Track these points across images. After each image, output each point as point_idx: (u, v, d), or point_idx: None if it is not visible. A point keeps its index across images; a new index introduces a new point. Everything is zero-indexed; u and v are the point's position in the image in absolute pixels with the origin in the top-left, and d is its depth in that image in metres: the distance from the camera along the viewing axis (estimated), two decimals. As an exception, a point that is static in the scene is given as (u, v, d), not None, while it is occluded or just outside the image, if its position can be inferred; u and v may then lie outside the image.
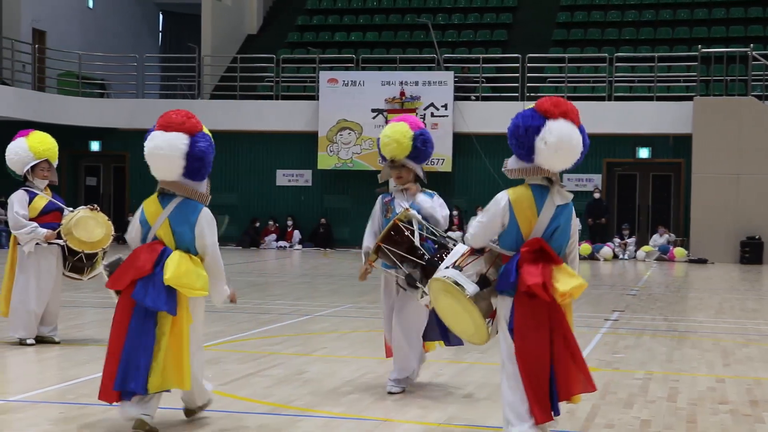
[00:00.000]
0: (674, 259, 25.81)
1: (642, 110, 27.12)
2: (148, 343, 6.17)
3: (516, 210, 5.83)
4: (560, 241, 5.92)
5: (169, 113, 6.41)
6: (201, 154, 6.29)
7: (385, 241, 7.36)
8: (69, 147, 28.72)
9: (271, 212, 28.93)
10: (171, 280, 6.16)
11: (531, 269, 5.73)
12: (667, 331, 12.29)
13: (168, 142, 6.23)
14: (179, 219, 6.30)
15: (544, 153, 5.76)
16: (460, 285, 5.90)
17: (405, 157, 7.79)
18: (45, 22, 31.85)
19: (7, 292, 10.03)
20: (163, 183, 6.35)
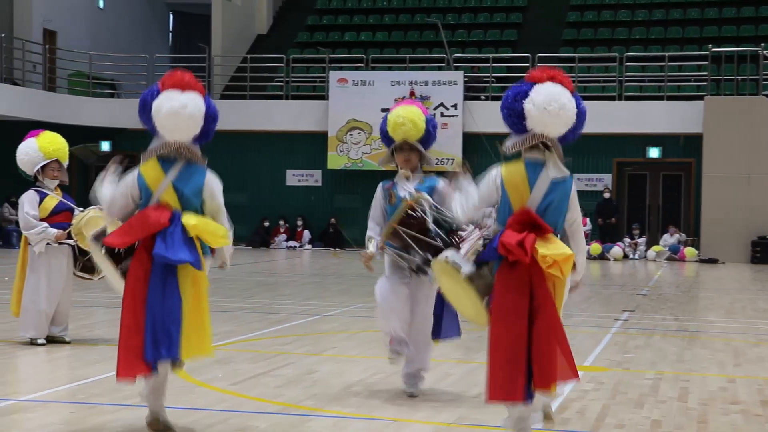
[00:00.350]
0: (685, 259, 25.76)
1: (652, 110, 27.07)
2: (174, 306, 5.88)
3: (507, 185, 5.72)
4: (554, 217, 5.74)
5: (176, 72, 6.15)
6: (216, 115, 6.22)
7: (399, 222, 7.24)
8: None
9: (281, 212, 28.95)
10: (197, 226, 5.91)
11: (510, 233, 5.60)
12: (678, 331, 12.26)
13: (192, 101, 6.02)
14: (186, 183, 6.05)
15: (534, 114, 5.64)
16: (457, 265, 5.83)
17: (417, 140, 7.63)
18: (56, 22, 31.92)
19: (18, 293, 10.06)
20: (175, 146, 6.05)
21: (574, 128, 5.83)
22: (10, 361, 9.28)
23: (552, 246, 5.58)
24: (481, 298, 5.79)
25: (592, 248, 26.05)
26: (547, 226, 5.63)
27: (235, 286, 16.55)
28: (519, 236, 5.55)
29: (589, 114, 21.16)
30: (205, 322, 6.01)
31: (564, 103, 5.67)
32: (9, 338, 10.27)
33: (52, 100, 28.13)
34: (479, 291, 5.78)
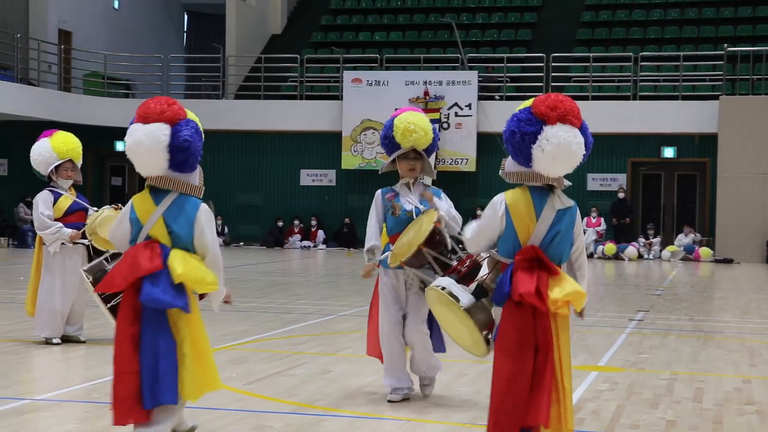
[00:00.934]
0: (700, 259, 25.67)
1: (667, 109, 26.99)
2: (169, 348, 5.65)
3: (513, 215, 5.44)
4: (561, 248, 5.50)
5: (147, 102, 5.75)
6: (186, 144, 5.64)
7: (426, 243, 7.06)
8: (94, 147, 28.88)
9: (296, 212, 28.98)
10: (183, 275, 5.61)
11: (524, 277, 5.34)
12: (693, 331, 12.22)
13: (148, 134, 5.60)
14: (177, 217, 5.70)
15: (542, 161, 5.37)
16: (455, 296, 5.59)
17: (424, 149, 7.48)
18: (71, 23, 32.03)
19: (33, 293, 10.09)
20: (150, 179, 5.74)
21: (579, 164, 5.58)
22: (26, 360, 9.31)
23: (562, 287, 5.36)
24: (480, 331, 5.56)
25: (607, 248, 25.99)
26: (554, 266, 5.40)
27: (249, 286, 16.57)
28: (533, 283, 5.31)
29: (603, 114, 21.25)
30: (205, 360, 5.74)
31: (574, 150, 5.40)
32: (24, 338, 10.30)
33: (67, 100, 28.23)
34: (478, 323, 5.55)
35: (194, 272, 5.66)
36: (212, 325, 11.38)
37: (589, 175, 27.58)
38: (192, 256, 5.73)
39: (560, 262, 5.50)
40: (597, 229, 26.78)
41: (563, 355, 5.41)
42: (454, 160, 27.43)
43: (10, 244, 26.97)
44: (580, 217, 5.66)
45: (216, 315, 12.07)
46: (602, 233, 26.86)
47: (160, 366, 5.59)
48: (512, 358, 5.34)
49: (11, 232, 27.49)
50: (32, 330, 10.16)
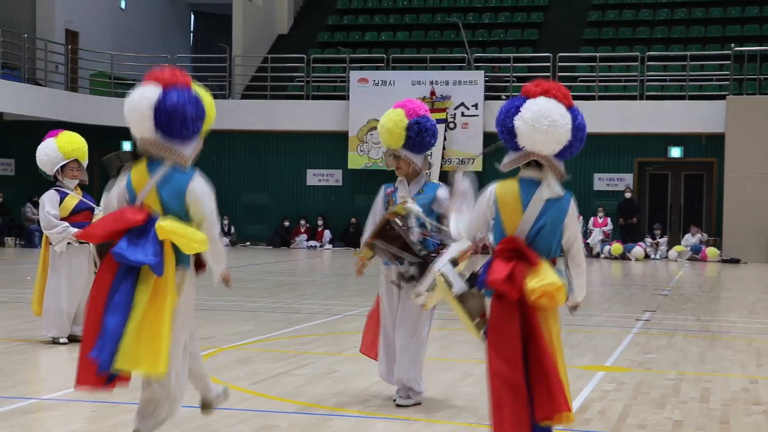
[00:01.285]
0: (707, 259, 25.63)
1: (674, 109, 26.95)
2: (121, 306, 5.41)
3: (501, 204, 5.47)
4: (547, 241, 5.44)
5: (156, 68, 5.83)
6: (171, 108, 5.57)
7: (378, 237, 7.03)
8: (101, 147, 28.82)
9: (302, 212, 28.99)
10: (167, 228, 5.47)
11: (498, 266, 5.35)
12: (700, 331, 12.20)
13: (140, 93, 5.70)
14: (168, 187, 5.62)
15: (523, 131, 5.36)
16: (449, 282, 5.61)
17: (400, 147, 7.33)
18: (78, 23, 32.08)
19: (40, 292, 10.11)
20: (141, 142, 5.72)
21: (570, 145, 5.52)
22: (32, 360, 9.33)
23: (540, 276, 5.30)
24: (472, 319, 5.56)
25: (614, 248, 25.96)
26: (534, 256, 5.36)
27: (255, 286, 16.58)
28: (506, 270, 5.30)
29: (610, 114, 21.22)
30: (162, 335, 5.41)
31: (555, 119, 5.37)
32: (31, 337, 10.32)
33: (74, 100, 28.26)
34: (470, 311, 5.56)
35: (181, 228, 5.52)
36: (218, 324, 11.41)
37: (596, 174, 27.55)
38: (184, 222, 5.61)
39: (548, 255, 5.46)
40: (604, 229, 26.75)
41: (556, 347, 5.40)
42: (460, 160, 27.42)
43: (17, 244, 27.01)
44: (575, 209, 5.57)
45: (222, 315, 12.10)
46: (609, 233, 26.83)
47: (108, 323, 5.41)
48: (499, 351, 5.34)
49: (18, 232, 27.53)
50: (39, 330, 10.17)
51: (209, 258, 5.75)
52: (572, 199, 5.58)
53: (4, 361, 9.05)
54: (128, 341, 5.40)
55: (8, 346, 9.87)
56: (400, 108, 7.42)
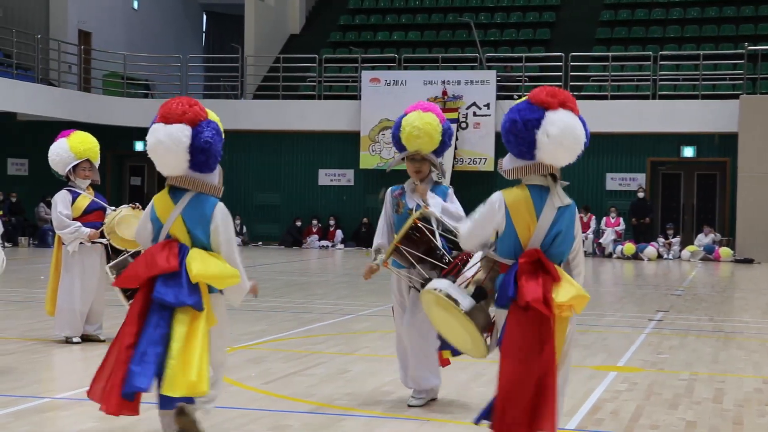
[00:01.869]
0: (720, 259, 25.55)
1: (687, 109, 26.88)
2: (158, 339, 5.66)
3: (513, 214, 5.33)
4: (562, 248, 5.41)
5: (169, 102, 5.82)
6: (206, 145, 5.71)
7: (403, 241, 6.94)
8: (114, 147, 29.01)
9: (314, 212, 29.01)
10: (198, 274, 5.68)
11: (530, 283, 5.24)
12: (713, 331, 12.17)
13: (170, 135, 5.68)
14: (193, 216, 5.78)
15: (547, 147, 5.26)
16: (454, 299, 5.44)
17: (431, 151, 7.29)
18: (91, 23, 32.16)
19: (53, 292, 10.14)
20: (171, 179, 5.84)
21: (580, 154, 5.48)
22: (46, 359, 9.36)
23: (567, 291, 5.27)
24: (481, 333, 5.46)
25: (626, 248, 25.91)
26: (555, 269, 5.30)
27: (267, 286, 16.59)
28: (540, 289, 5.21)
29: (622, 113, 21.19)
30: (194, 360, 5.64)
31: (578, 135, 5.32)
32: (45, 337, 10.35)
33: (87, 100, 28.34)
34: (479, 325, 5.45)
35: (211, 270, 5.71)
36: (230, 324, 11.40)
37: (608, 174, 27.50)
38: (210, 254, 5.78)
39: (560, 262, 5.43)
40: (616, 229, 26.70)
41: (557, 356, 5.36)
42: (472, 159, 27.39)
43: (30, 244, 27.11)
44: (578, 216, 5.55)
45: (234, 314, 12.09)
46: (621, 233, 26.78)
47: (148, 354, 5.63)
48: (519, 360, 5.27)
49: (32, 232, 27.62)
50: (52, 329, 10.20)
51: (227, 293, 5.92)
52: (575, 207, 5.52)
53: (17, 360, 9.08)
54: (173, 368, 5.61)
55: (22, 346, 9.91)
56: (430, 111, 7.35)
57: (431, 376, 7.33)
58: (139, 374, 5.62)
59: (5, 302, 13.73)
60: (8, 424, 6.60)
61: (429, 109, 7.39)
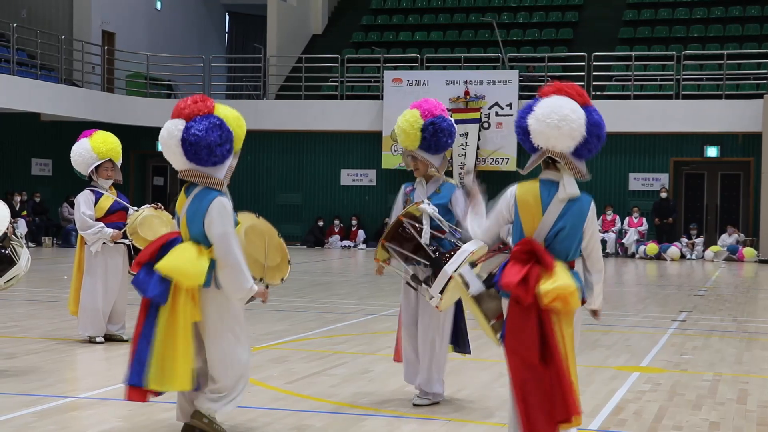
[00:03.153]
0: (743, 260, 25.41)
1: (710, 108, 26.74)
2: (148, 334, 5.90)
3: (520, 206, 5.43)
4: (567, 244, 5.40)
5: (183, 99, 6.07)
6: (194, 138, 5.84)
7: (391, 239, 7.00)
8: (137, 147, 29.15)
9: (336, 212, 29.04)
10: (161, 267, 5.86)
11: (513, 268, 5.31)
12: (737, 332, 12.10)
13: (167, 129, 5.96)
14: (192, 209, 5.98)
15: (535, 128, 5.36)
16: (466, 282, 5.57)
17: (417, 148, 7.27)
18: (114, 24, 32.31)
19: (76, 292, 10.18)
20: (180, 173, 6.05)
21: (586, 142, 5.41)
22: (70, 359, 9.41)
23: (554, 279, 5.26)
24: (488, 320, 5.53)
25: (649, 248, 25.80)
26: (549, 259, 5.31)
27: (289, 286, 16.61)
28: (521, 273, 5.27)
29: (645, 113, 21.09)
30: (177, 355, 5.84)
31: (566, 114, 5.33)
32: (68, 336, 10.40)
33: (110, 100, 28.47)
34: (486, 312, 5.53)
35: (177, 264, 5.87)
36: (252, 324, 11.44)
37: (631, 174, 27.39)
38: (200, 248, 5.93)
39: (566, 258, 5.42)
40: (639, 229, 26.59)
41: (569, 350, 5.37)
42: (494, 159, 27.35)
43: (54, 244, 27.25)
44: (595, 212, 5.52)
45: (256, 314, 12.14)
46: (644, 233, 26.67)
47: (138, 347, 5.90)
48: (517, 353, 5.33)
49: (55, 232, 27.78)
50: (76, 329, 10.25)
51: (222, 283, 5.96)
52: (592, 202, 5.51)
53: (42, 359, 9.13)
54: (155, 362, 5.86)
55: (46, 345, 9.96)
56: (415, 108, 7.36)
57: (436, 382, 7.32)
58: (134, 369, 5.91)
59: (29, 302, 13.82)
60: (32, 423, 6.64)
61: (415, 106, 7.39)
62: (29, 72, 26.64)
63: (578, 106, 5.43)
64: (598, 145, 5.50)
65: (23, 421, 6.68)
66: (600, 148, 5.57)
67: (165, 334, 5.86)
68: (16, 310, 12.81)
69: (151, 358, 5.84)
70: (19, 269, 8.23)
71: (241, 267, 5.92)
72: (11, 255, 8.17)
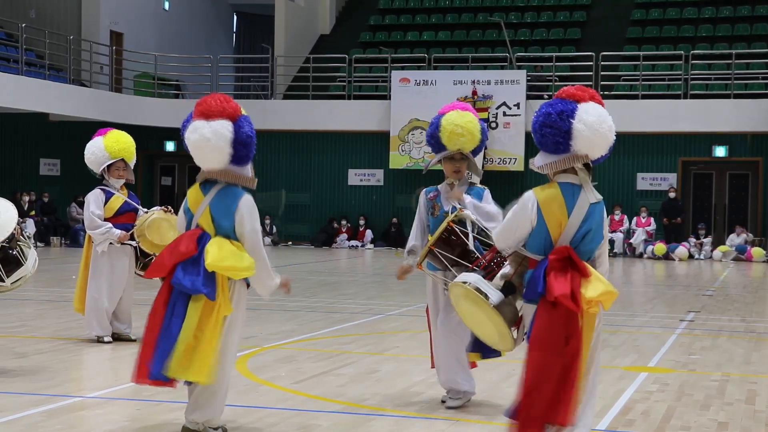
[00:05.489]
0: (752, 260, 25.36)
1: (719, 108, 26.69)
2: (174, 326, 5.93)
3: (545, 211, 5.39)
4: (592, 245, 5.47)
5: (207, 100, 6.03)
6: (248, 139, 5.97)
7: (437, 244, 6.95)
8: (145, 147, 29.16)
9: (343, 212, 29.05)
10: (213, 264, 5.88)
11: (558, 279, 5.31)
12: (745, 332, 12.08)
13: (213, 131, 5.89)
14: (219, 206, 6.01)
15: (584, 134, 5.34)
16: (483, 293, 5.56)
17: (470, 151, 7.31)
18: (122, 24, 32.35)
19: (81, 290, 10.19)
20: (210, 173, 6.05)
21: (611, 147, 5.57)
22: (77, 358, 9.42)
23: (595, 287, 5.32)
24: (509, 327, 5.56)
25: (657, 248, 25.76)
26: (584, 265, 5.36)
27: (297, 285, 16.62)
28: (568, 285, 5.28)
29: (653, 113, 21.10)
30: (212, 348, 5.91)
31: (611, 125, 5.45)
32: (76, 336, 10.42)
33: (118, 100, 28.52)
34: (507, 319, 5.55)
35: (225, 260, 5.91)
36: (260, 324, 11.45)
37: (639, 174, 27.35)
38: (232, 242, 5.99)
39: (589, 259, 5.49)
40: (647, 229, 26.56)
41: (584, 352, 5.39)
42: (502, 159, 27.33)
43: (62, 244, 27.30)
44: (605, 213, 5.60)
45: (264, 314, 12.15)
46: (652, 233, 26.63)
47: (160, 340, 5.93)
48: (546, 353, 5.32)
49: (64, 232, 27.82)
50: (83, 328, 10.26)
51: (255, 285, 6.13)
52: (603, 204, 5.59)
53: (50, 359, 9.15)
54: (179, 352, 5.87)
55: (54, 345, 9.98)
56: (467, 111, 7.37)
57: (463, 380, 7.30)
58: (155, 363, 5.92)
59: (38, 302, 13.84)
60: (40, 423, 6.65)
61: (467, 109, 7.42)
62: (38, 72, 26.70)
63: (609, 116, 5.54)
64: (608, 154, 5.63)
65: (31, 421, 6.69)
66: None
67: (198, 328, 5.89)
68: (25, 310, 12.84)
69: (175, 351, 5.86)
70: (26, 270, 8.25)
71: (267, 262, 6.08)
72: (18, 256, 8.19)
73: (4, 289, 8.30)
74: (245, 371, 8.53)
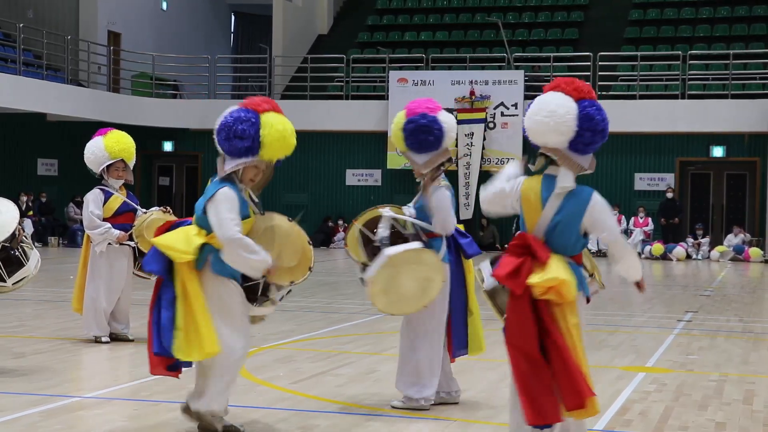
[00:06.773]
0: (749, 260, 25.38)
1: (716, 108, 26.71)
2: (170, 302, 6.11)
3: (523, 200, 5.52)
4: (565, 237, 5.44)
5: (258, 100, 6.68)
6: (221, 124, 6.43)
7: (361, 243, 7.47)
8: (142, 147, 29.02)
9: (341, 212, 29.05)
10: (154, 240, 6.22)
11: (506, 260, 5.41)
12: (743, 332, 12.09)
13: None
14: (202, 197, 6.31)
15: (528, 125, 5.53)
16: (482, 278, 5.67)
17: (405, 148, 7.32)
18: (120, 24, 32.34)
19: (79, 290, 10.19)
20: None
21: (579, 135, 5.41)
22: (75, 358, 9.42)
23: (545, 272, 5.30)
24: (501, 314, 5.60)
25: (654, 248, 25.78)
26: (544, 252, 5.35)
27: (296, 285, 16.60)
28: (513, 265, 5.35)
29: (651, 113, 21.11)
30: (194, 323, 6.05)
31: (552, 109, 5.38)
32: (75, 336, 10.42)
33: (116, 100, 28.50)
34: (501, 306, 5.60)
35: (167, 240, 6.18)
36: (259, 324, 11.43)
37: (637, 174, 27.37)
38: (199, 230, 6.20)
39: (566, 252, 5.46)
40: (644, 229, 26.57)
41: (576, 339, 5.38)
42: (499, 159, 27.34)
43: (60, 244, 27.29)
44: (602, 203, 5.51)
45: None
46: (650, 233, 26.65)
47: (161, 318, 6.11)
48: (516, 347, 5.37)
49: (61, 232, 27.81)
50: (82, 329, 10.26)
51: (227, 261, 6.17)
52: (595, 194, 5.50)
53: (48, 359, 9.15)
54: (179, 334, 6.06)
55: (53, 345, 9.98)
56: (403, 110, 7.37)
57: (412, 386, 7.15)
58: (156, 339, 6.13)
59: (36, 302, 13.84)
60: (38, 423, 6.65)
61: (405, 107, 7.36)
62: (35, 72, 26.68)
63: (570, 101, 5.43)
64: (595, 138, 5.48)
65: (30, 421, 6.70)
66: (599, 141, 5.53)
67: (183, 308, 6.06)
68: (23, 310, 12.84)
69: (176, 329, 6.05)
70: (28, 271, 8.26)
71: (241, 242, 6.09)
72: (20, 256, 8.19)
73: (6, 289, 8.30)
74: (244, 371, 8.53)
